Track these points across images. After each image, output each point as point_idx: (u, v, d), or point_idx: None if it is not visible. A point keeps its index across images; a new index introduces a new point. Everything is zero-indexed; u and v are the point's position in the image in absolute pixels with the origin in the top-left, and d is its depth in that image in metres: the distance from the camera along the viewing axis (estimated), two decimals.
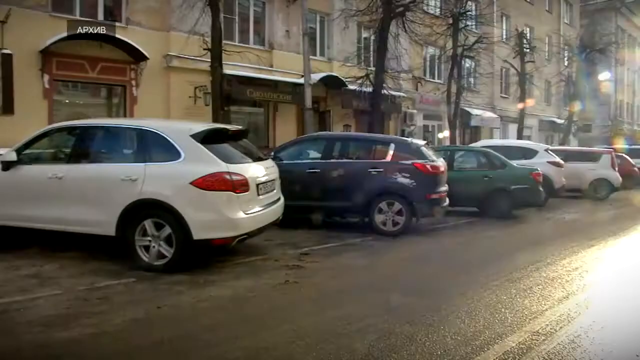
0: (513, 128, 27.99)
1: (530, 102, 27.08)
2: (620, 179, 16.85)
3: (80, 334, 4.02)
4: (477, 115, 25.28)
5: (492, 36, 22.08)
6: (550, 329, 4.32)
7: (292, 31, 17.29)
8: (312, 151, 9.80)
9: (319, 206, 8.99)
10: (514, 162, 11.87)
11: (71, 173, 6.15)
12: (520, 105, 25.36)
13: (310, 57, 14.72)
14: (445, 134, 22.90)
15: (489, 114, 26.84)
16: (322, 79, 17.10)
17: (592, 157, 17.20)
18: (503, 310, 4.79)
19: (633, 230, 10.44)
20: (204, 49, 11.96)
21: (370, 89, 15.87)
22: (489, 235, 9.54)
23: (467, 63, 23.32)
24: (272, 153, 9.21)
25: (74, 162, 6.30)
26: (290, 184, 7.89)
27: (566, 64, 32.07)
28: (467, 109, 23.64)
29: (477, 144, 16.11)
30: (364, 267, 6.73)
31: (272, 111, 17.29)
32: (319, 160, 9.34)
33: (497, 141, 18.81)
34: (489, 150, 12.25)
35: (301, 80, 14.40)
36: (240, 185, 5.86)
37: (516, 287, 5.61)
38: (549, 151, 14.86)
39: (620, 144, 28.23)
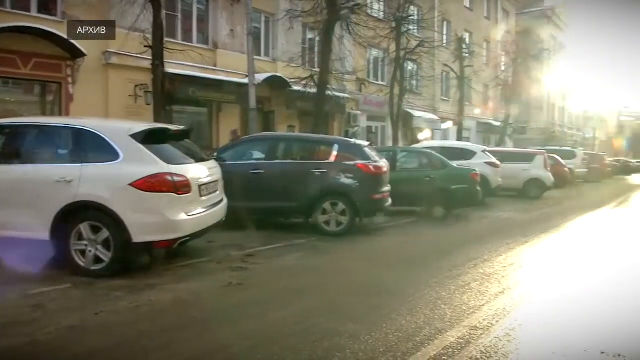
0: (453, 130, 28.87)
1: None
2: (552, 178, 17.73)
3: (12, 344, 3.83)
4: (419, 116, 25.90)
5: (434, 40, 22.64)
6: (488, 323, 4.49)
7: (236, 31, 17.10)
8: (256, 152, 9.74)
9: (263, 207, 8.96)
10: (454, 163, 12.25)
11: (1, 174, 5.85)
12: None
13: (255, 57, 14.62)
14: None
15: (430, 116, 27.58)
16: (267, 80, 17.01)
17: (526, 158, 18.00)
18: (443, 306, 4.93)
19: (563, 227, 10.98)
20: (145, 47, 11.61)
21: (314, 90, 15.93)
22: (431, 234, 9.79)
23: (410, 66, 23.82)
24: (216, 154, 9.08)
25: (4, 162, 5.98)
26: (233, 184, 7.81)
27: (503, 68, 33.40)
28: (409, 110, 24.17)
29: (419, 145, 16.52)
30: (308, 267, 6.75)
31: (216, 111, 17.04)
32: (262, 161, 9.29)
33: (437, 142, 19.33)
34: (430, 151, 12.58)
35: (245, 81, 14.27)
36: (182, 187, 5.75)
37: (455, 283, 5.79)
38: (487, 152, 15.46)
39: (554, 146, 29.75)
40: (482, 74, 30.67)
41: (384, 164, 9.40)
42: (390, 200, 9.53)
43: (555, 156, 22.00)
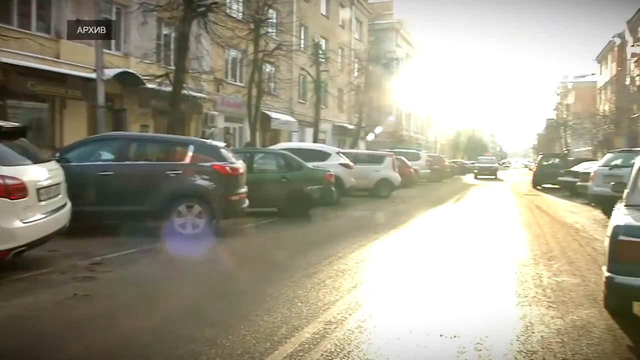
0: (310, 132, 29.75)
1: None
2: (400, 178, 19.13)
3: None
4: (276, 118, 26.29)
5: (291, 44, 23.13)
6: (341, 317, 4.70)
7: (83, 20, 15.81)
8: (104, 152, 9.14)
9: (113, 211, 8.44)
10: (310, 164, 12.63)
11: None
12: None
13: (104, 50, 13.69)
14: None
15: (287, 118, 28.14)
16: (117, 76, 16.01)
17: (377, 160, 19.23)
18: (299, 304, 5.06)
19: (410, 223, 11.90)
20: None
21: (169, 89, 15.36)
22: (288, 234, 9.98)
23: (268, 68, 24.08)
24: (58, 154, 8.33)
25: None
26: (79, 188, 7.27)
27: (356, 74, 35.25)
28: (267, 112, 24.41)
29: (276, 147, 16.76)
30: (162, 273, 6.49)
31: (59, 108, 15.61)
32: (112, 162, 8.75)
33: (294, 144, 19.79)
34: (287, 152, 12.83)
35: (93, 75, 13.28)
36: (16, 191, 5.20)
37: (311, 281, 5.97)
38: (340, 154, 16.20)
39: (401, 149, 32.04)
40: (337, 79, 32.07)
41: (240, 165, 9.38)
42: (247, 202, 9.55)
43: (403, 158, 23.81)
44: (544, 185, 26.01)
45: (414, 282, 6.28)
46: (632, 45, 40.46)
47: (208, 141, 10.14)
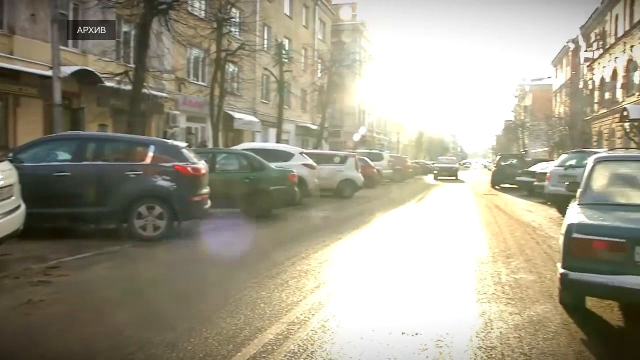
0: (273, 132, 29.65)
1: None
2: (363, 179, 19.27)
3: None
4: (239, 118, 26.08)
5: (254, 44, 23.00)
6: (304, 317, 4.70)
7: (39, 15, 15.29)
8: (61, 152, 8.85)
9: (70, 213, 8.20)
10: (273, 165, 12.58)
11: None
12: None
13: (61, 47, 13.27)
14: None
15: (250, 118, 27.96)
16: (75, 73, 15.57)
17: (340, 160, 19.30)
18: (262, 305, 5.03)
19: (372, 223, 12.01)
20: None
21: (129, 87, 15.03)
22: (251, 234, 9.90)
23: (231, 67, 23.86)
24: (11, 154, 8.02)
25: None
26: (34, 189, 7.03)
27: (319, 75, 35.32)
28: (230, 112, 24.20)
29: (239, 147, 16.64)
30: (122, 276, 6.34)
31: (13, 106, 15.07)
32: (69, 163, 8.49)
33: (257, 144, 19.68)
34: (249, 153, 12.75)
35: (49, 73, 12.88)
36: None
37: (274, 282, 5.95)
38: (304, 154, 16.19)
39: (364, 149, 32.35)
40: (300, 80, 32.06)
41: (202, 165, 9.26)
42: (209, 203, 9.43)
43: (365, 158, 24.03)
44: (502, 185, 26.69)
45: (376, 281, 6.33)
46: (585, 51, 42.10)
47: (169, 141, 9.96)
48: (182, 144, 9.64)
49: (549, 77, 64.13)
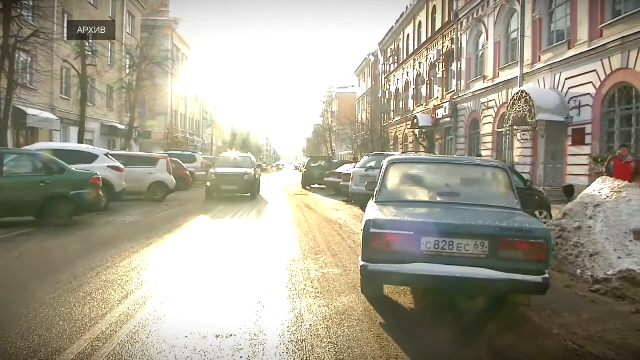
0: (75, 131, 27.05)
1: None
2: (175, 181, 18.68)
3: None
4: (34, 115, 23.24)
5: (52, 32, 20.70)
6: (111, 331, 4.40)
7: None
8: None
9: None
10: (74, 167, 11.51)
11: None
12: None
13: None
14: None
15: (47, 115, 25.11)
16: None
17: (151, 162, 18.48)
18: (61, 323, 4.57)
19: (185, 227, 11.68)
20: None
21: None
22: (48, 245, 8.89)
23: (23, 57, 21.16)
24: None
25: None
26: None
27: (127, 71, 33.22)
28: (22, 107, 21.46)
29: (33, 147, 14.85)
30: None
31: None
32: None
33: (56, 144, 17.81)
34: (45, 154, 11.46)
35: None
36: None
37: (76, 296, 5.45)
38: (110, 156, 15.10)
39: (176, 150, 31.43)
40: (106, 75, 29.73)
41: None
42: None
43: (178, 160, 23.35)
44: (312, 186, 28.19)
45: (189, 286, 6.19)
46: (383, 64, 47.23)
47: None
48: None
49: (353, 86, 69.86)
